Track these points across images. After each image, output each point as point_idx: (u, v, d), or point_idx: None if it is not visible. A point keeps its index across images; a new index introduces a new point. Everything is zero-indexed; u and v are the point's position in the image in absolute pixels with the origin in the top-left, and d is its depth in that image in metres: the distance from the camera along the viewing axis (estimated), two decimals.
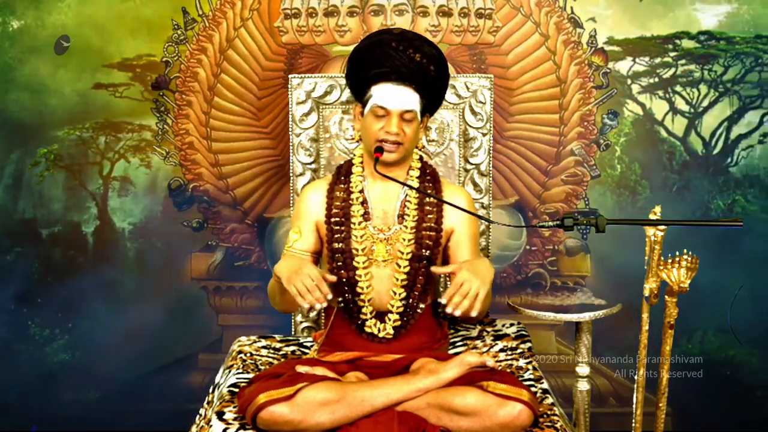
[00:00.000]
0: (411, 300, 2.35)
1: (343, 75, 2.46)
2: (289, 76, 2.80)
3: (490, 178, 2.79)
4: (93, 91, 3.37)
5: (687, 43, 3.34)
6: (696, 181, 3.41)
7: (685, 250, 2.20)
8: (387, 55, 2.29)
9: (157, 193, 3.42)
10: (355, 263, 2.35)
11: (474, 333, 2.64)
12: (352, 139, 2.74)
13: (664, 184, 3.41)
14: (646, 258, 2.24)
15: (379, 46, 2.31)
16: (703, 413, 3.41)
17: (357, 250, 2.35)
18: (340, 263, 2.37)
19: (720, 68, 3.36)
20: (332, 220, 2.38)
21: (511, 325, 2.65)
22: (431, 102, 2.38)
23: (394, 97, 2.29)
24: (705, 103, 3.38)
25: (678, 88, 3.38)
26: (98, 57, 3.35)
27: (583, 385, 2.48)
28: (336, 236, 2.37)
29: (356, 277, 2.36)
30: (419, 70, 2.29)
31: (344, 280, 2.36)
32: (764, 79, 3.36)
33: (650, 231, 2.21)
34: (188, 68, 3.35)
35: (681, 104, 3.38)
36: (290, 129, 2.78)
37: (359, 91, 2.37)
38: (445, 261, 2.42)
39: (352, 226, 2.37)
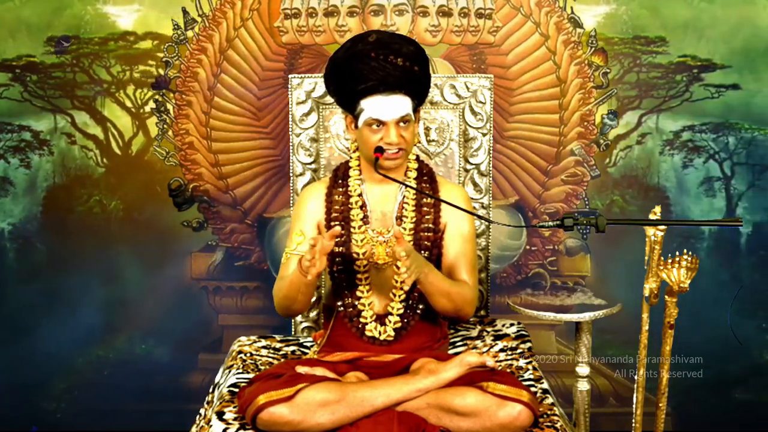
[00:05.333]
0: (411, 301, 2.35)
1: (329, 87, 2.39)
2: (289, 76, 2.79)
3: (490, 178, 2.79)
4: None
5: None
6: None
7: (685, 250, 2.20)
8: (369, 68, 2.22)
9: (36, 194, 3.42)
10: (355, 267, 2.35)
11: (474, 333, 2.64)
12: (349, 150, 2.67)
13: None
14: (646, 258, 2.24)
15: (357, 59, 2.24)
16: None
17: (357, 254, 2.34)
18: (340, 267, 2.36)
19: None
20: (332, 224, 2.36)
21: (511, 325, 2.65)
22: (421, 98, 2.35)
23: (387, 107, 2.24)
24: None
25: None
26: None
27: (583, 385, 2.48)
28: (336, 240, 2.36)
29: (356, 281, 2.36)
30: (405, 75, 2.24)
31: (344, 284, 2.36)
32: (642, 79, 3.34)
33: (650, 231, 2.20)
34: (188, 68, 3.35)
35: None
36: (290, 129, 2.77)
37: (347, 105, 2.32)
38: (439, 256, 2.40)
39: (351, 230, 2.36)
